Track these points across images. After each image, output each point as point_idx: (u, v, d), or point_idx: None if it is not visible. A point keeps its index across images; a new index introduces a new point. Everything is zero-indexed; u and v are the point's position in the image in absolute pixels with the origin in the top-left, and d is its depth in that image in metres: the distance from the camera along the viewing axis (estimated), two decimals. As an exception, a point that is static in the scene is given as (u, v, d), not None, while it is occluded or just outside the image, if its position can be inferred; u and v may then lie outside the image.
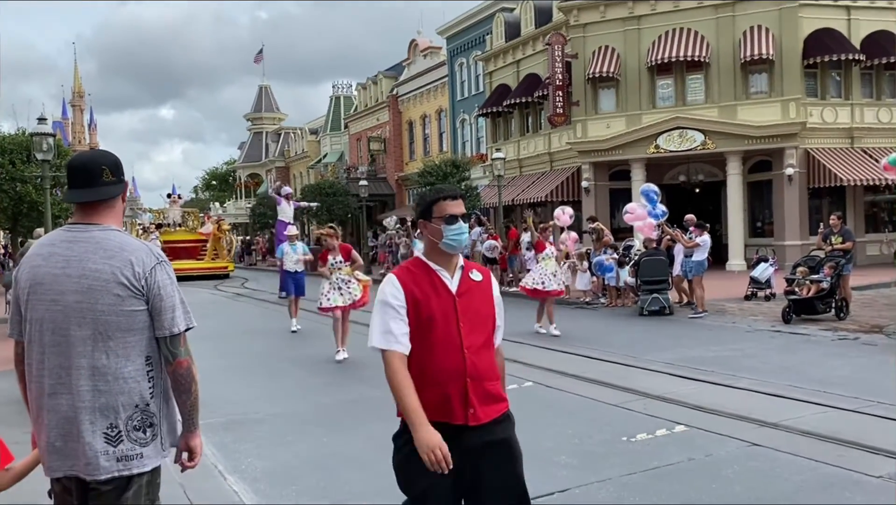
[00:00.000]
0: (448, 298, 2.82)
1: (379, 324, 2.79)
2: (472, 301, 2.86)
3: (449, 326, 2.78)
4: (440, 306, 2.79)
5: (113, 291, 2.51)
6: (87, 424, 2.50)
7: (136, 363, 2.56)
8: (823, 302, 12.38)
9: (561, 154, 26.70)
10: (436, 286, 2.83)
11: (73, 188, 2.63)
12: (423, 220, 2.93)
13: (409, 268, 2.91)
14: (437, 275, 2.86)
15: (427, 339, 2.77)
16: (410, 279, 2.84)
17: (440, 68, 36.76)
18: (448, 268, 2.88)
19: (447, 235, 2.84)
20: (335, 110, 49.24)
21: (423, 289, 2.81)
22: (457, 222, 2.85)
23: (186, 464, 2.76)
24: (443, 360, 2.75)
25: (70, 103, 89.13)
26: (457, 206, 2.88)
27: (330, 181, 40.08)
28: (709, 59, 22.71)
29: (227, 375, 9.06)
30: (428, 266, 2.88)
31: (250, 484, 5.18)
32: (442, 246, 2.86)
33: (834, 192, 22.71)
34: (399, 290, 2.80)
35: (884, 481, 4.83)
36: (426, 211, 2.91)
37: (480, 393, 2.79)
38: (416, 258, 2.97)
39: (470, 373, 2.77)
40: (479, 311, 2.88)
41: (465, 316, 2.82)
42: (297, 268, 13.84)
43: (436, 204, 2.89)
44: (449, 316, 2.79)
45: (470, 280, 2.91)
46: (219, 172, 76.75)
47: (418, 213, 2.96)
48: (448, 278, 2.86)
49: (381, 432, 6.49)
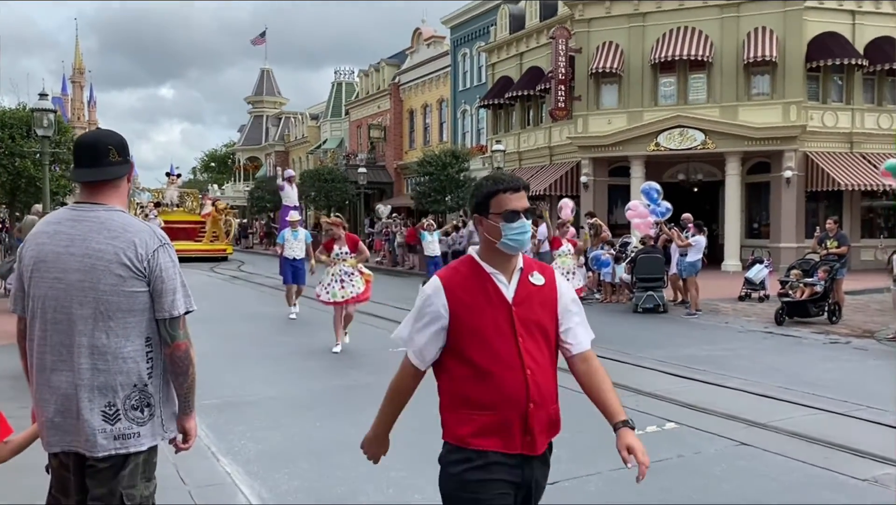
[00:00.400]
0: (503, 309, 2.42)
1: (410, 326, 2.52)
2: (532, 310, 2.46)
3: (505, 342, 2.40)
4: (493, 318, 2.41)
5: (115, 271, 2.53)
6: (85, 401, 2.53)
7: (136, 344, 2.58)
8: (816, 305, 12.45)
9: (561, 148, 26.70)
10: (489, 294, 2.43)
11: (80, 167, 2.65)
12: (478, 215, 2.51)
13: (459, 269, 2.52)
14: (492, 279, 2.46)
15: (479, 356, 2.39)
16: (458, 284, 2.45)
17: (443, 58, 36.67)
18: (505, 271, 2.48)
19: (507, 235, 2.42)
20: (336, 96, 49.14)
21: (473, 296, 2.43)
22: (518, 219, 2.43)
23: (181, 445, 2.78)
24: (500, 382, 2.38)
25: (70, 79, 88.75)
26: (519, 200, 2.45)
27: (329, 167, 40.07)
28: (712, 58, 22.70)
29: (222, 358, 9.10)
30: (481, 268, 2.47)
31: (243, 466, 5.23)
32: (500, 246, 2.45)
33: (831, 197, 22.77)
34: (440, 296, 2.44)
35: (869, 484, 4.89)
36: (482, 204, 2.49)
37: (543, 419, 2.45)
38: (468, 258, 2.54)
39: (533, 397, 2.40)
40: (542, 322, 2.48)
41: (525, 329, 2.42)
42: (296, 255, 13.42)
43: (494, 197, 2.46)
44: (504, 330, 2.40)
45: (530, 285, 2.49)
46: (218, 154, 76.58)
47: (473, 206, 2.54)
48: (504, 284, 2.46)
49: (372, 418, 6.55)
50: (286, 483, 4.89)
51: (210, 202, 33.59)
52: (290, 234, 13.59)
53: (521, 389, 2.39)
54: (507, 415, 2.38)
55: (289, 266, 13.52)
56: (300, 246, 13.42)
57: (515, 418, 2.39)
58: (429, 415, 7.10)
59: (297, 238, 13.50)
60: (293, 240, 13.49)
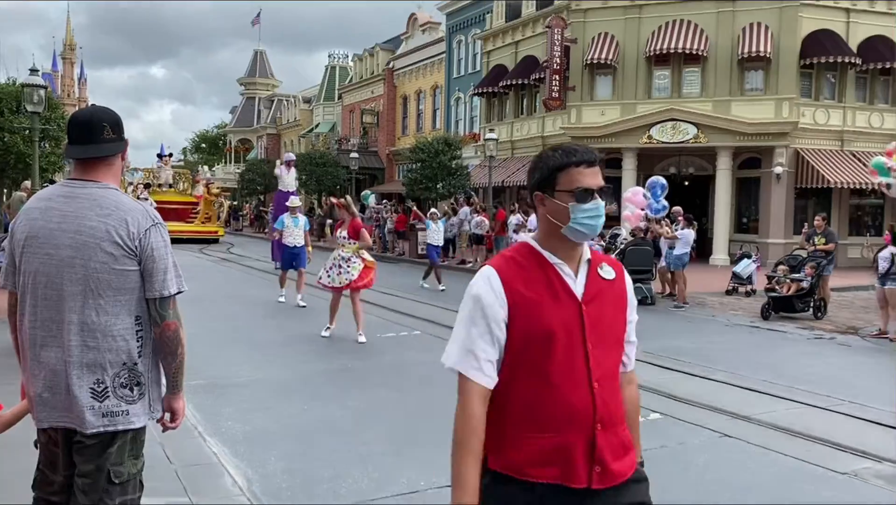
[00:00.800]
0: (572, 307, 2.00)
1: (461, 337, 2.01)
2: (603, 310, 2.05)
3: (573, 348, 1.98)
4: (561, 318, 1.98)
5: (106, 249, 2.53)
6: (74, 378, 2.54)
7: (126, 322, 2.59)
8: (802, 301, 12.57)
9: (554, 138, 26.68)
10: (554, 288, 2.01)
11: (73, 144, 2.65)
12: (540, 193, 2.07)
13: (515, 258, 2.06)
14: (557, 271, 2.03)
15: (540, 365, 1.97)
16: (517, 275, 2.01)
17: (438, 44, 36.54)
18: (571, 262, 2.05)
19: (576, 218, 2.00)
20: (330, 80, 48.93)
21: (536, 291, 1.99)
22: (592, 199, 2.01)
23: (168, 425, 2.79)
24: (562, 397, 1.97)
25: (61, 55, 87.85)
26: (594, 176, 2.03)
27: (321, 151, 39.92)
28: (707, 52, 22.73)
29: (210, 339, 9.09)
30: (542, 257, 2.05)
31: (230, 446, 5.25)
32: (566, 232, 2.02)
33: (820, 194, 22.92)
34: (498, 290, 1.98)
35: (848, 478, 4.97)
36: (547, 180, 2.05)
37: (613, 443, 2.02)
38: (524, 245, 2.10)
39: (601, 416, 1.99)
40: (613, 325, 2.09)
41: (595, 333, 2.01)
42: (296, 242, 12.95)
43: (563, 171, 2.03)
44: (573, 332, 1.98)
45: (600, 279, 2.09)
46: (209, 136, 76.16)
47: (535, 182, 2.09)
48: (571, 277, 2.04)
49: (360, 402, 6.59)
50: (272, 464, 4.91)
51: (203, 183, 33.36)
52: (290, 221, 13.08)
53: (587, 407, 1.97)
54: (569, 439, 1.97)
55: (287, 252, 13.08)
56: (300, 233, 13.03)
57: (579, 443, 1.97)
58: (415, 400, 7.17)
59: (297, 225, 13.05)
60: (293, 227, 13.02)
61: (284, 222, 13.09)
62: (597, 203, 2.02)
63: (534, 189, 2.10)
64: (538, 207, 2.10)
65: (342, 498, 4.37)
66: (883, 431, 6.05)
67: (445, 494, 4.42)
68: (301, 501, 4.31)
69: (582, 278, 2.05)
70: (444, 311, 12.35)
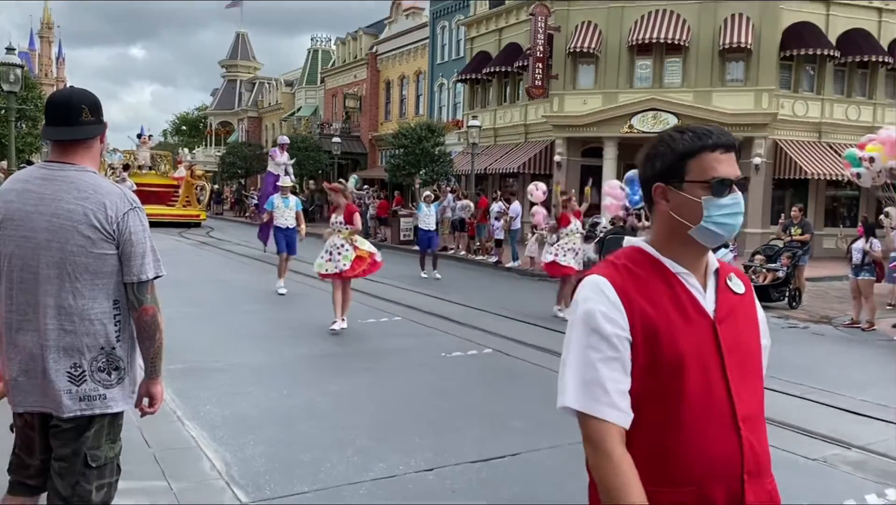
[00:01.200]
0: (704, 326, 1.62)
1: (577, 365, 1.58)
2: (739, 332, 1.67)
3: (709, 380, 1.59)
4: (692, 342, 1.59)
5: (84, 232, 2.52)
6: (51, 362, 2.53)
7: (104, 306, 2.58)
8: (778, 290, 12.74)
9: (536, 127, 26.73)
10: (681, 303, 1.62)
11: (51, 125, 2.63)
12: (662, 185, 1.66)
13: (628, 266, 1.66)
14: (682, 283, 1.64)
15: (669, 402, 1.57)
16: (635, 287, 1.61)
17: (422, 30, 36.34)
18: (697, 271, 1.67)
19: (712, 215, 1.61)
20: (312, 64, 48.51)
21: (661, 307, 1.60)
22: (732, 192, 1.63)
23: (146, 409, 2.79)
24: (700, 441, 1.57)
25: (38, 34, 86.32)
26: (731, 164, 1.65)
27: (302, 135, 39.62)
28: (688, 43, 22.82)
29: (190, 323, 9.05)
30: (662, 266, 1.65)
31: (208, 430, 5.25)
32: (697, 233, 1.62)
33: (798, 185, 23.16)
34: (616, 305, 1.58)
35: (819, 464, 5.09)
36: (673, 168, 1.64)
37: (762, 497, 1.63)
38: (637, 250, 1.70)
39: (749, 465, 1.60)
40: (751, 350, 1.70)
41: (734, 360, 1.63)
42: (288, 224, 12.49)
43: (695, 157, 1.62)
44: (708, 360, 1.60)
45: (731, 293, 1.70)
46: (189, 118, 75.31)
47: (656, 172, 1.68)
48: (699, 290, 1.65)
49: (340, 387, 6.61)
50: (251, 448, 4.92)
51: (185, 166, 32.93)
52: (281, 201, 12.68)
53: (733, 454, 1.59)
54: (709, 492, 1.57)
55: (282, 235, 12.54)
56: (291, 214, 12.57)
57: (721, 498, 1.58)
58: (396, 386, 7.20)
59: (287, 205, 12.62)
60: (284, 207, 12.59)
61: (274, 203, 12.74)
62: (736, 197, 1.63)
63: (653, 180, 1.68)
64: (656, 203, 1.68)
65: (321, 482, 4.39)
66: (853, 419, 6.19)
67: (423, 479, 4.49)
68: (279, 485, 4.33)
69: (711, 292, 1.67)
70: (426, 297, 12.38)
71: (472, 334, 9.26)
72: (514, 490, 4.41)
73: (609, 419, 1.54)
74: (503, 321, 10.41)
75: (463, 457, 4.86)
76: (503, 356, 8.14)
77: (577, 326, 1.60)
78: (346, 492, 4.27)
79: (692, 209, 1.62)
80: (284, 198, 12.75)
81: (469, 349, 8.32)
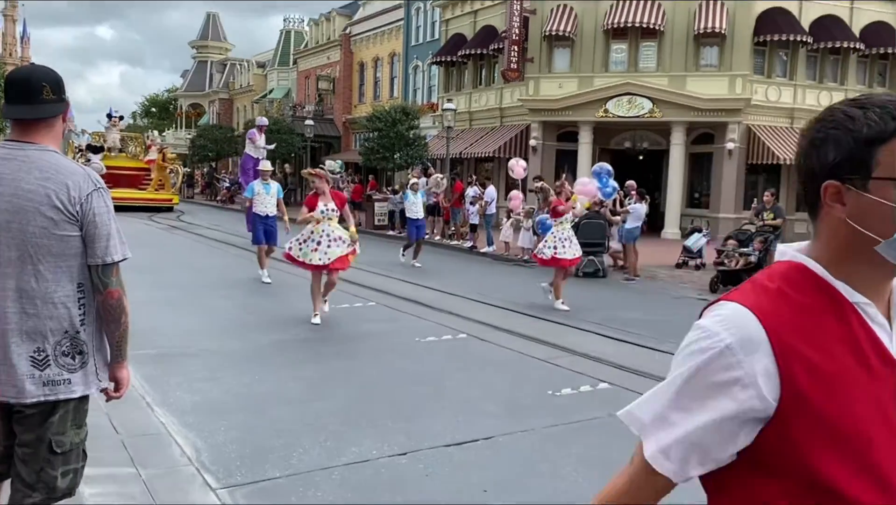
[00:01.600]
0: (888, 382, 1.10)
1: (667, 396, 1.18)
2: None
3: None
4: (876, 405, 1.09)
5: (46, 213, 2.46)
6: (13, 346, 2.47)
7: (67, 289, 2.52)
8: (750, 275, 12.79)
9: (512, 110, 26.69)
10: (861, 349, 1.10)
11: (11, 104, 2.55)
12: (836, 183, 1.11)
13: (787, 293, 1.13)
14: (861, 318, 1.12)
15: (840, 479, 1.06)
16: (798, 326, 1.10)
17: (396, 11, 36.01)
18: (880, 300, 1.15)
19: None
20: (285, 45, 47.94)
21: (834, 357, 1.08)
22: None
23: (112, 394, 2.75)
24: None
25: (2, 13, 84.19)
26: None
27: (275, 118, 39.18)
28: (663, 27, 22.89)
29: (160, 308, 8.93)
30: (835, 292, 1.13)
31: (178, 417, 5.18)
32: (887, 250, 1.07)
33: (770, 170, 23.43)
34: (764, 357, 1.08)
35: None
36: (855, 159, 1.10)
37: None
38: (798, 268, 1.16)
39: None
40: None
41: None
42: (269, 211, 11.93)
43: (888, 143, 1.08)
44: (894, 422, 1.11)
45: None
46: (159, 100, 74.15)
47: (829, 164, 1.12)
48: (884, 328, 1.13)
49: (313, 372, 6.57)
50: (222, 434, 4.87)
51: (156, 149, 32.32)
52: (262, 187, 12.01)
53: None
54: None
55: (260, 223, 11.85)
56: (272, 201, 11.94)
57: None
58: (369, 371, 7.15)
59: (268, 192, 11.96)
60: (265, 193, 11.93)
61: (255, 189, 12.12)
62: None
63: (822, 176, 1.13)
64: (825, 206, 1.14)
65: (293, 467, 4.36)
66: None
67: (396, 463, 4.48)
68: (251, 470, 4.29)
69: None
70: (400, 282, 12.34)
71: (447, 319, 9.26)
72: (487, 473, 4.42)
73: (661, 469, 1.20)
74: (478, 306, 10.41)
75: (436, 441, 4.85)
76: (477, 341, 8.14)
77: (687, 370, 1.13)
78: (319, 477, 4.24)
79: (882, 217, 1.09)
80: (265, 184, 12.08)
81: (443, 334, 8.31)
